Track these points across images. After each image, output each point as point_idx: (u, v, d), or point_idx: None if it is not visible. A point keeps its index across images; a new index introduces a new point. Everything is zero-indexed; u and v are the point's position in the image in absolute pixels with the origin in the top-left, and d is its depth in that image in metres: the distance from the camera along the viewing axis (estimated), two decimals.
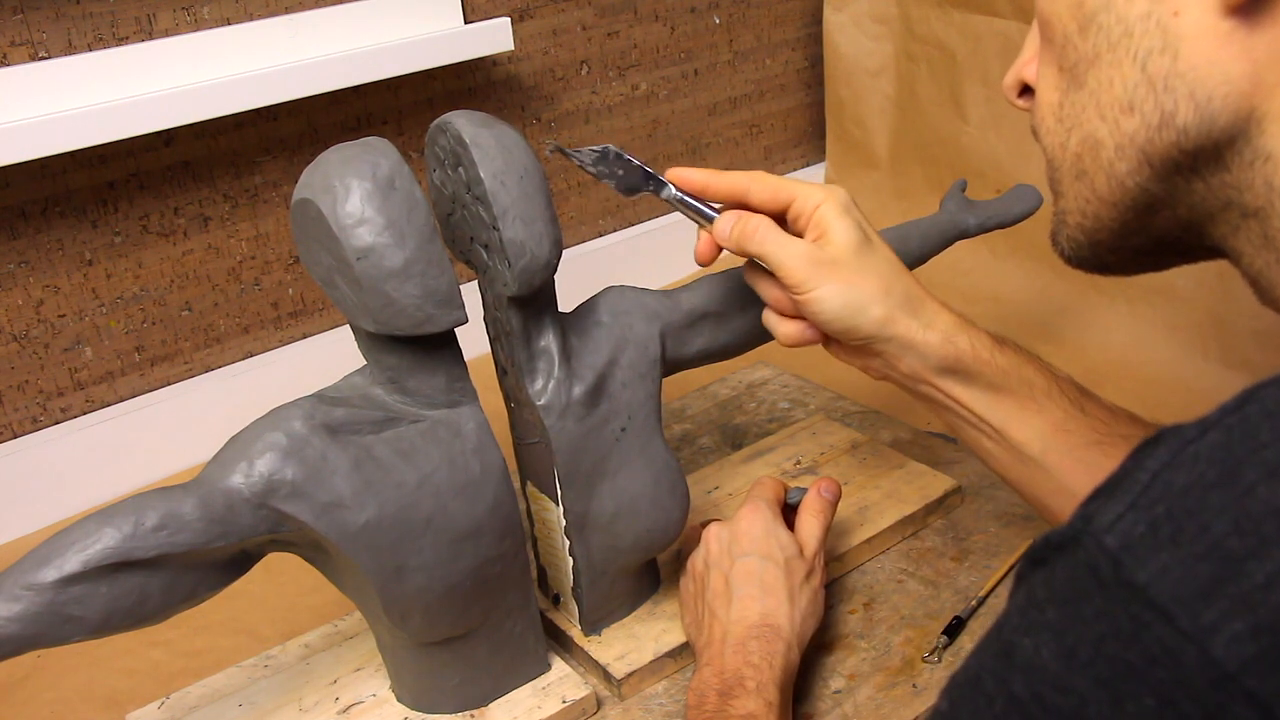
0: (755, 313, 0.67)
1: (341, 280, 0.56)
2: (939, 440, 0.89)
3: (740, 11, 1.29)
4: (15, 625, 0.51)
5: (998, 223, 0.83)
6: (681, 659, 0.69)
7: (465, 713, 0.64)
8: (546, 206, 0.60)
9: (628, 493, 0.65)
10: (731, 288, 0.70)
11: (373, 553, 0.56)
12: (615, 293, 0.68)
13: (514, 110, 1.14)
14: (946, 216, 0.83)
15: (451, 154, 0.60)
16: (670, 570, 0.73)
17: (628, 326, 0.66)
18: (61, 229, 0.91)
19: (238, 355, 1.03)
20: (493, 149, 0.58)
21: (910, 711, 0.63)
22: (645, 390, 0.66)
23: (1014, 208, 0.84)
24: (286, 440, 0.55)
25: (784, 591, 0.63)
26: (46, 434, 0.93)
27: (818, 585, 0.65)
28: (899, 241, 0.77)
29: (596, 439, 0.64)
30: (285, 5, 0.97)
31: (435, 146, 0.61)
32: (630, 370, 0.66)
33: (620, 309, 0.67)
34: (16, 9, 0.85)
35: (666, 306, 0.68)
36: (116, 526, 0.52)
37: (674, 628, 0.70)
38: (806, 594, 0.64)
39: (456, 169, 0.60)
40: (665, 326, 0.67)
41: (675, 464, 0.67)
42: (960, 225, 0.82)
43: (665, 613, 0.71)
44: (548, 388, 0.63)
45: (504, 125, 0.60)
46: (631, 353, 0.66)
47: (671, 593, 0.72)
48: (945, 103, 1.27)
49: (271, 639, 0.75)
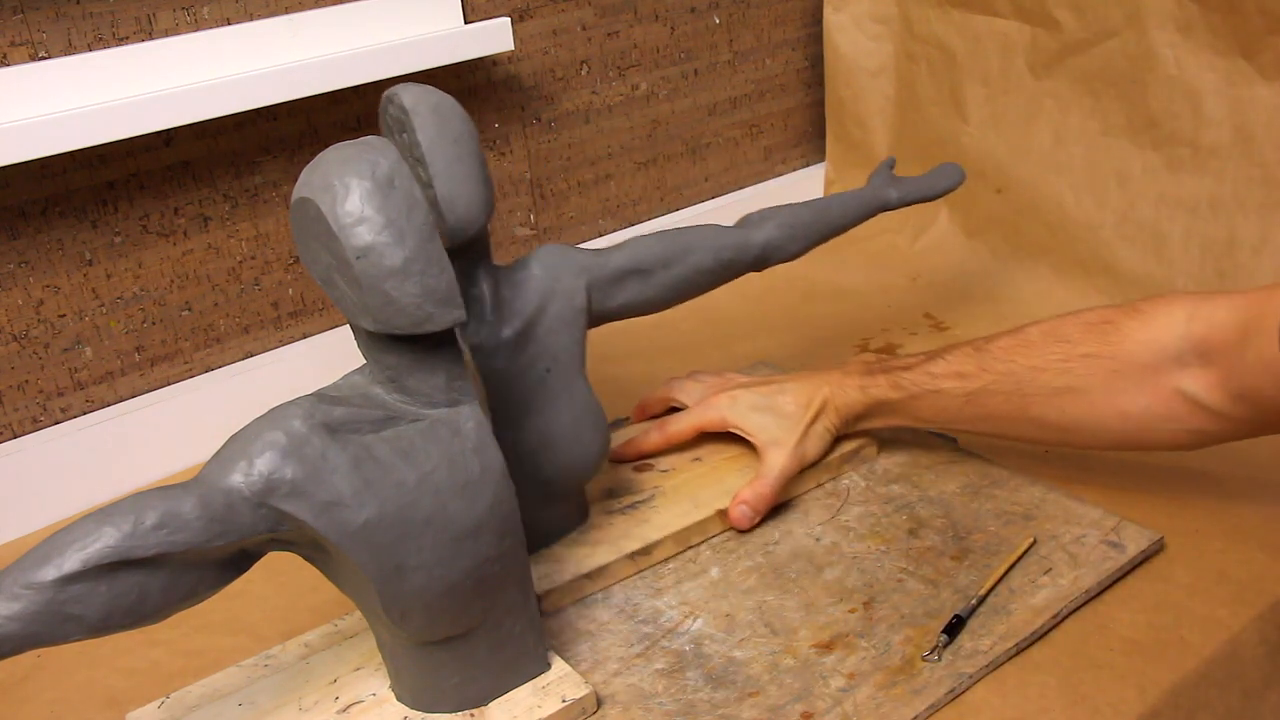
0: (677, 271, 0.79)
1: (341, 279, 0.56)
2: (939, 440, 0.89)
3: (740, 11, 1.29)
4: (15, 624, 0.51)
5: (919, 196, 0.92)
6: (601, 579, 0.75)
7: (465, 712, 0.64)
8: (479, 168, 0.67)
9: (551, 429, 0.73)
10: (656, 248, 0.78)
11: (372, 552, 0.56)
12: (547, 250, 0.75)
13: (514, 110, 1.14)
14: (870, 190, 0.91)
15: (398, 121, 0.67)
16: (599, 510, 0.81)
17: (556, 279, 0.73)
18: (61, 229, 0.91)
19: (238, 355, 1.03)
20: (430, 116, 0.65)
21: (910, 710, 0.63)
22: (570, 337, 0.74)
23: (936, 184, 0.93)
24: (286, 439, 0.55)
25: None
26: (46, 434, 0.93)
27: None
28: (820, 212, 0.87)
29: (523, 379, 0.72)
30: (285, 5, 0.97)
31: (386, 115, 0.68)
32: (557, 318, 0.73)
33: (550, 263, 0.74)
34: (16, 9, 0.85)
35: (594, 263, 0.76)
36: (116, 525, 0.52)
37: (597, 553, 0.76)
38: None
39: (402, 134, 0.67)
40: (592, 281, 0.75)
41: (597, 405, 0.75)
42: (882, 198, 0.91)
43: (590, 540, 0.77)
44: (480, 330, 0.71)
45: (444, 95, 0.67)
46: (559, 303, 0.73)
47: (597, 523, 0.79)
48: (945, 103, 1.26)
49: (271, 639, 0.75)
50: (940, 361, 0.79)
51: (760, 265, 0.85)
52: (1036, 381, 0.74)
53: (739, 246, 0.83)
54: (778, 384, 0.85)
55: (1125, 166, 1.11)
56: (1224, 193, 1.03)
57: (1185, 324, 0.69)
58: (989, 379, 0.76)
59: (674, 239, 0.80)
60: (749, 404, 0.84)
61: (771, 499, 0.80)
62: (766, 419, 0.82)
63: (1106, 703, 0.64)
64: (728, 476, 0.84)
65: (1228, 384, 0.68)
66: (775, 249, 0.85)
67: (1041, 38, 1.16)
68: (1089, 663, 0.67)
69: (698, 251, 0.80)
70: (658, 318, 1.20)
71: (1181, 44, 1.04)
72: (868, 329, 1.13)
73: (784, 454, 0.81)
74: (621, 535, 0.78)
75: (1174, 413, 0.71)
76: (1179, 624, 0.69)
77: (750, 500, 0.80)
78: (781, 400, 0.83)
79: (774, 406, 0.83)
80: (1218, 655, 0.67)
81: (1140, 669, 0.66)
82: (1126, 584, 0.73)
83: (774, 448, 0.81)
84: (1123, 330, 0.72)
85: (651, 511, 0.81)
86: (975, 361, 0.77)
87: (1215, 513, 0.79)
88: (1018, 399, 0.75)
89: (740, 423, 0.83)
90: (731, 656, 0.69)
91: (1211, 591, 0.72)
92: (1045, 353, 0.74)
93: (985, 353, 0.77)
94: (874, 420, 0.84)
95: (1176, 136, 1.06)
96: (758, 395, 0.84)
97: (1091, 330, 0.73)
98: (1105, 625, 0.70)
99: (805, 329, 1.15)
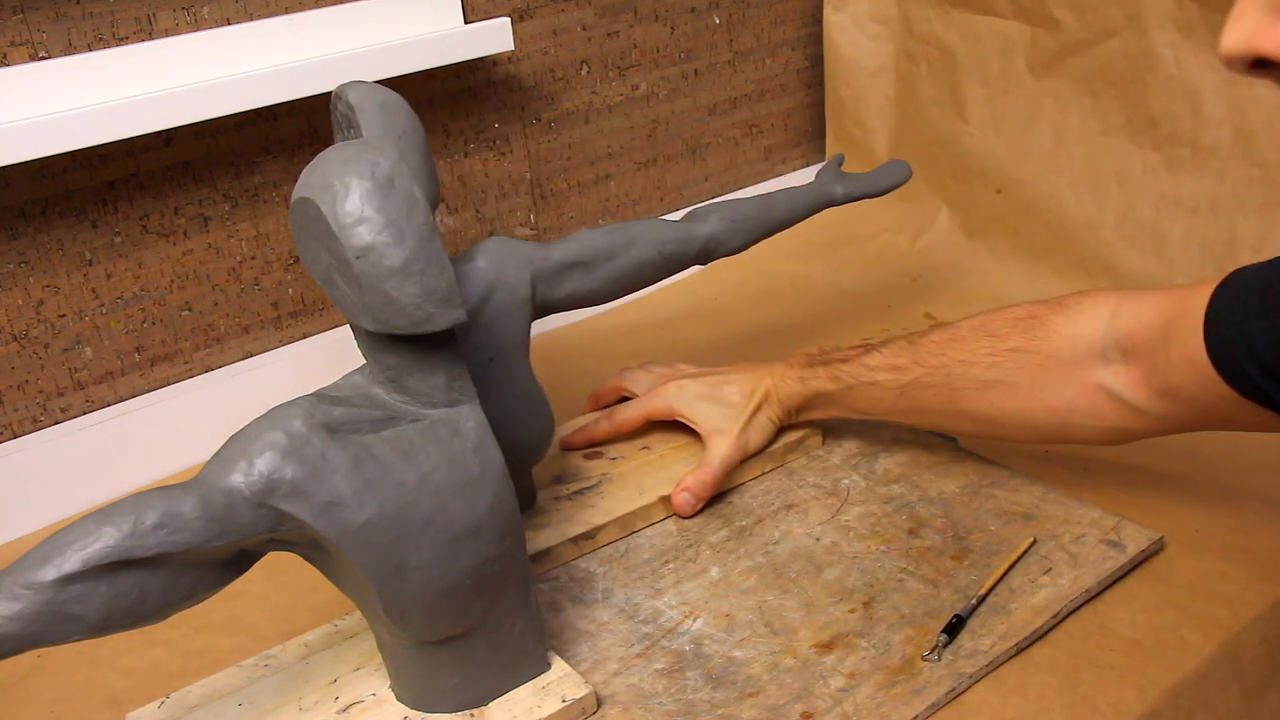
0: (620, 263, 0.80)
1: (341, 279, 0.56)
2: (939, 440, 0.89)
3: (740, 11, 1.29)
4: (15, 624, 0.51)
5: (864, 193, 0.93)
6: (545, 562, 0.77)
7: (465, 712, 0.64)
8: (423, 163, 0.68)
9: (492, 414, 0.72)
10: (600, 241, 0.79)
11: (372, 552, 0.56)
12: (494, 241, 0.76)
13: (514, 110, 1.14)
14: (816, 185, 0.92)
15: (345, 118, 0.67)
16: (547, 496, 0.84)
17: (501, 271, 0.74)
18: (61, 229, 0.91)
19: (238, 355, 1.03)
20: (375, 112, 0.65)
21: (910, 710, 0.63)
22: (514, 327, 0.74)
23: (881, 180, 0.95)
24: (286, 439, 0.55)
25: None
26: (46, 434, 0.93)
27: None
28: (764, 207, 0.88)
29: (468, 365, 0.72)
30: (285, 5, 0.97)
31: (335, 112, 0.68)
32: (501, 309, 0.74)
33: (496, 255, 0.75)
34: (16, 9, 0.85)
35: (539, 255, 0.76)
36: (116, 525, 0.52)
37: (540, 537, 0.79)
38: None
39: (349, 130, 0.67)
40: (536, 272, 0.76)
41: (540, 393, 0.77)
42: (828, 194, 0.92)
43: (535, 524, 0.80)
44: None
45: (390, 92, 0.68)
46: (503, 293, 0.74)
47: (544, 508, 0.82)
48: (945, 103, 1.26)
49: (271, 639, 0.75)
50: (876, 354, 0.80)
51: (704, 259, 0.86)
52: (966, 375, 0.75)
53: (682, 240, 0.84)
54: (723, 374, 0.87)
55: (1125, 166, 1.11)
56: (1224, 193, 1.03)
57: (1109, 320, 0.70)
58: (921, 372, 0.77)
59: (618, 232, 0.81)
60: (695, 393, 0.86)
61: (714, 486, 0.82)
62: (711, 408, 0.85)
63: (1106, 703, 0.64)
64: (674, 464, 0.86)
65: (1150, 380, 0.68)
66: (719, 243, 0.86)
67: (1041, 38, 1.16)
68: (1089, 663, 0.67)
69: (641, 244, 0.81)
70: (658, 319, 1.20)
71: (1181, 44, 1.04)
72: (868, 329, 1.13)
73: (727, 443, 0.83)
74: (566, 520, 0.80)
75: (1097, 408, 0.71)
76: (1179, 624, 0.69)
77: (693, 487, 0.81)
78: (726, 390, 0.85)
79: (719, 396, 0.85)
80: (1218, 655, 0.67)
81: (1140, 669, 0.66)
82: (1126, 584, 0.73)
83: (718, 436, 0.83)
84: (1048, 325, 0.73)
85: (598, 497, 0.83)
86: (909, 355, 0.78)
87: (1215, 513, 0.79)
88: (948, 392, 0.76)
89: (686, 411, 0.85)
90: (731, 656, 0.69)
91: (1211, 591, 0.72)
92: (974, 347, 0.75)
93: (919, 346, 0.78)
94: (814, 411, 0.86)
95: (1176, 136, 1.06)
96: (704, 385, 0.86)
97: (1018, 325, 0.74)
98: (1105, 625, 0.70)
99: (805, 329, 1.15)
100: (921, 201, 1.31)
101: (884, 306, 1.18)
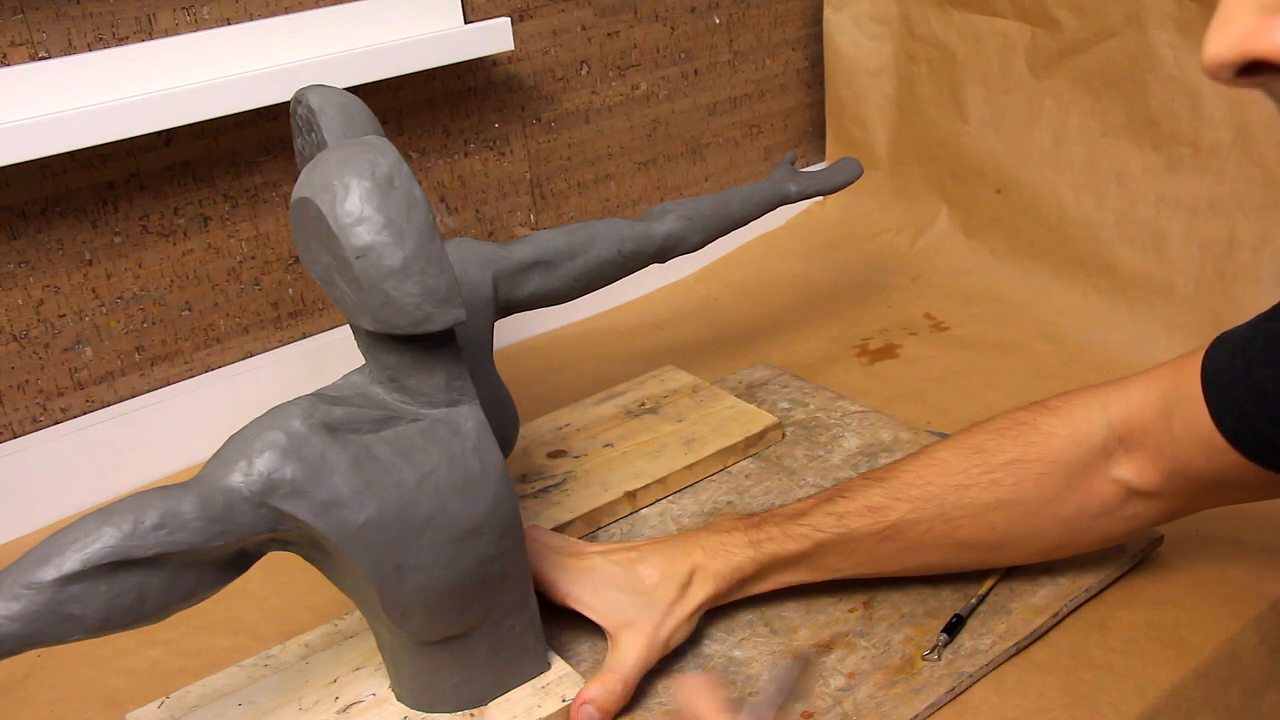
0: (581, 262, 0.80)
1: (341, 279, 0.56)
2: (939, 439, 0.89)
3: (740, 11, 1.29)
4: (15, 624, 0.51)
5: (817, 190, 0.95)
6: None
7: (464, 712, 0.64)
8: None
9: None
10: (560, 240, 0.80)
11: (372, 551, 0.56)
12: (456, 242, 0.76)
13: (514, 110, 1.14)
14: (771, 183, 0.94)
15: (306, 121, 0.66)
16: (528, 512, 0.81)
17: (464, 271, 0.74)
18: (61, 229, 0.91)
19: (238, 355, 1.03)
20: (336, 116, 0.65)
21: (910, 710, 0.63)
22: (478, 326, 0.75)
23: (834, 178, 0.96)
24: (286, 439, 0.55)
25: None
26: (46, 434, 0.93)
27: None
28: (720, 205, 0.89)
29: None
30: (285, 5, 0.97)
31: (295, 116, 0.68)
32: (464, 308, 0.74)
33: (458, 255, 0.75)
34: (16, 9, 0.85)
35: (500, 255, 0.77)
36: (116, 525, 0.52)
37: None
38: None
39: (309, 134, 0.66)
40: (498, 272, 0.76)
41: (504, 391, 0.77)
42: (782, 191, 0.93)
43: None
44: None
45: (350, 96, 0.67)
46: (465, 294, 0.74)
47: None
48: (945, 103, 1.26)
49: (271, 639, 0.75)
50: (841, 501, 0.70)
51: (663, 257, 0.87)
52: (963, 500, 0.68)
53: (641, 238, 0.84)
54: (638, 551, 0.72)
55: (1125, 166, 1.11)
56: (1224, 193, 1.03)
57: (1103, 413, 0.66)
58: (907, 508, 0.68)
59: (578, 231, 0.81)
60: (603, 577, 0.70)
61: (624, 696, 0.65)
62: (621, 597, 0.69)
63: (1106, 703, 0.64)
64: (638, 460, 0.88)
65: (1159, 463, 0.65)
66: (677, 240, 0.86)
67: (1041, 38, 1.16)
68: (1089, 663, 0.67)
69: (600, 243, 0.82)
70: (658, 319, 1.20)
71: (1181, 44, 1.04)
72: (868, 329, 1.13)
73: (640, 641, 0.67)
74: (533, 517, 0.81)
75: (1108, 505, 0.67)
76: (1179, 624, 0.69)
77: (597, 698, 0.65)
78: (641, 571, 0.70)
79: (631, 580, 0.70)
80: (1218, 655, 0.67)
81: (1140, 669, 0.66)
82: (1126, 584, 0.73)
83: (628, 631, 0.67)
84: (1043, 430, 0.67)
85: (563, 495, 0.85)
86: (884, 492, 0.70)
87: (1215, 513, 0.79)
88: (942, 525, 0.68)
89: (590, 601, 0.69)
90: (731, 656, 0.69)
91: (1211, 591, 0.72)
92: (965, 468, 0.68)
93: (893, 480, 0.70)
94: (766, 582, 0.72)
95: (1176, 136, 1.06)
96: (613, 565, 0.71)
97: (1009, 436, 0.68)
98: (1105, 625, 0.70)
99: (805, 329, 1.15)
100: (921, 201, 1.31)
101: (884, 306, 1.18)
